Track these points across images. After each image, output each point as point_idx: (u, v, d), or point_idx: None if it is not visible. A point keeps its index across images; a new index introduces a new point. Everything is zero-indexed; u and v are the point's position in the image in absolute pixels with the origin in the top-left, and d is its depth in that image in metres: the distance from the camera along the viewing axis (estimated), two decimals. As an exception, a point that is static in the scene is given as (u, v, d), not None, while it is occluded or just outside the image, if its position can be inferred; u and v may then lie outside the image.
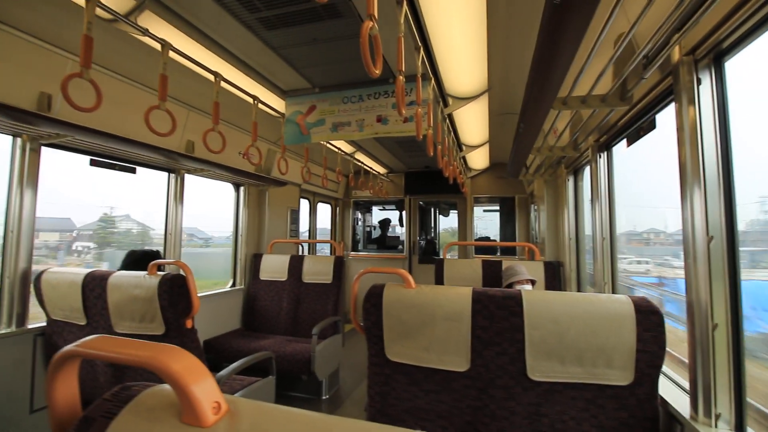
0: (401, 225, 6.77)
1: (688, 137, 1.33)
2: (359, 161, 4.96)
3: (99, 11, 1.61)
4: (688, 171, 1.32)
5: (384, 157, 5.41)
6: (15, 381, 2.08)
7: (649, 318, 1.21)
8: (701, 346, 1.29)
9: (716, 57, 1.26)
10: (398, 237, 7.01)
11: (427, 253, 6.52)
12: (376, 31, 1.15)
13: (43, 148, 2.26)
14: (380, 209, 7.52)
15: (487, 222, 6.96)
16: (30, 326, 2.19)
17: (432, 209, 7.40)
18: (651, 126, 1.75)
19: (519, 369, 1.29)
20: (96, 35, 1.53)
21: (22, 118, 1.86)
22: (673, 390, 1.61)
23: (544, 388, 1.28)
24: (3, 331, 2.09)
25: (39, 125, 1.95)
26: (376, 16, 1.14)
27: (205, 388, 0.48)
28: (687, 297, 1.37)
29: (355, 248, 6.71)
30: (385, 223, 7.17)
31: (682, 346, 1.59)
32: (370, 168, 5.46)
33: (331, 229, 6.55)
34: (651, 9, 1.08)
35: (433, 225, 7.48)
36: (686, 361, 1.57)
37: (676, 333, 1.93)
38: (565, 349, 1.25)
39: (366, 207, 7.25)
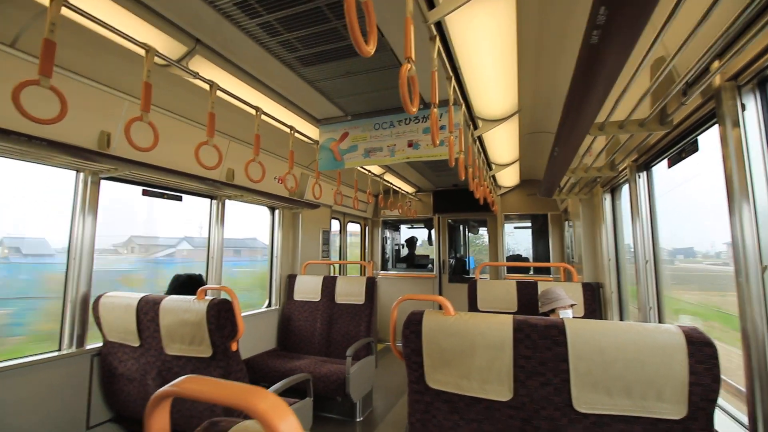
0: (430, 244, 6.75)
1: (734, 158, 1.30)
2: (388, 182, 5.04)
3: (155, 58, 1.77)
4: (735, 190, 1.29)
5: (412, 177, 5.47)
6: (73, 398, 2.22)
7: (701, 350, 1.16)
8: (760, 377, 1.23)
9: (760, 83, 1.24)
10: (427, 255, 6.98)
11: (456, 272, 6.45)
12: (413, 72, 1.21)
13: (102, 181, 2.46)
14: (408, 227, 7.54)
15: (517, 238, 6.82)
16: (88, 347, 2.34)
17: (461, 227, 7.34)
18: (693, 148, 1.72)
19: (564, 400, 1.27)
20: (151, 79, 1.69)
21: (85, 156, 2.05)
22: (730, 425, 1.53)
23: (592, 421, 1.25)
24: (64, 352, 2.25)
25: (100, 161, 2.13)
26: (414, 58, 1.20)
27: (290, 426, 0.53)
28: (741, 324, 1.31)
29: (384, 267, 6.73)
30: (411, 242, 7.17)
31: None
32: (399, 188, 5.52)
33: (361, 249, 6.61)
34: (691, 37, 1.09)
35: (462, 243, 7.41)
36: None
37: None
38: (612, 381, 1.22)
39: (394, 226, 7.29)
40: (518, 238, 6.76)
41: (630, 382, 1.20)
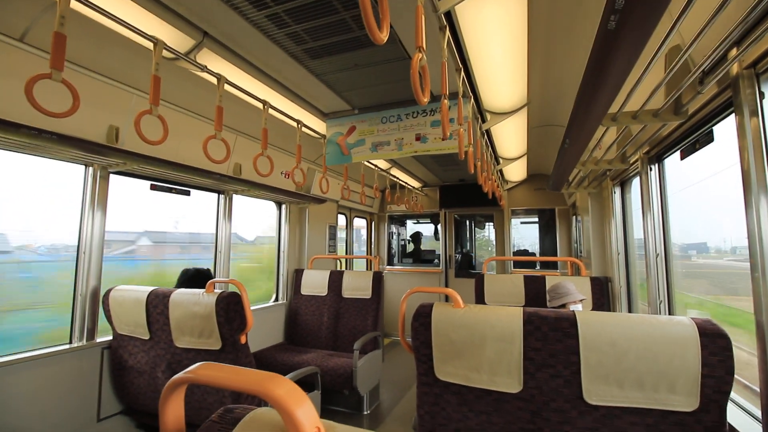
0: (437, 239, 6.73)
1: (752, 148, 1.27)
2: (395, 176, 5.03)
3: (163, 51, 1.77)
4: (753, 181, 1.27)
5: (419, 172, 5.45)
6: (84, 391, 2.24)
7: (715, 342, 1.15)
8: None
9: (781, 69, 1.21)
10: (434, 250, 6.98)
11: (463, 267, 6.44)
12: (425, 62, 1.20)
13: (111, 176, 2.48)
14: (414, 223, 7.53)
15: (523, 233, 6.79)
16: (98, 340, 2.37)
17: (467, 222, 7.32)
18: (708, 139, 1.68)
19: (575, 392, 1.26)
20: (160, 73, 1.69)
21: (95, 149, 2.06)
22: (742, 417, 1.51)
23: (602, 413, 1.24)
24: (75, 345, 2.27)
25: (109, 156, 2.14)
26: (425, 47, 1.19)
27: (307, 412, 0.53)
28: (756, 316, 1.29)
29: (390, 262, 6.73)
30: (417, 237, 7.16)
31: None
32: (406, 183, 5.51)
33: (367, 244, 6.62)
34: (708, 25, 1.06)
35: (469, 237, 7.39)
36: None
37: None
38: (624, 373, 1.21)
39: (400, 221, 7.28)
40: (523, 233, 6.72)
41: (642, 374, 1.19)
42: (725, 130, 1.62)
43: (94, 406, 2.28)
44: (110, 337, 2.37)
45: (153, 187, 2.78)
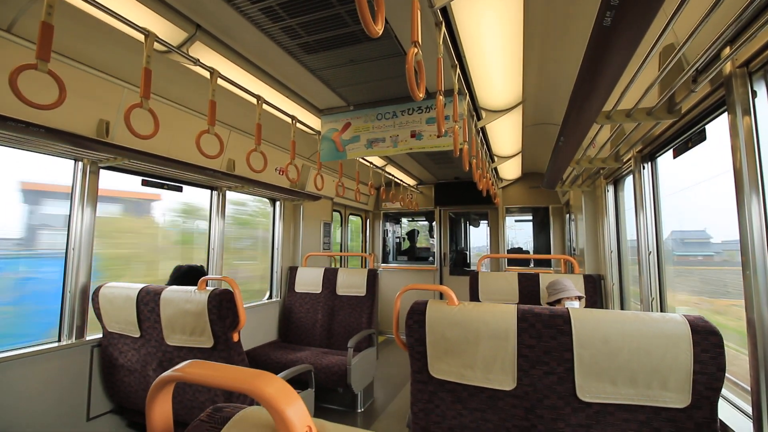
0: (431, 236, 6.75)
1: (744, 147, 1.28)
2: (390, 174, 5.02)
3: (155, 44, 1.74)
4: (745, 181, 1.28)
5: (414, 170, 5.45)
6: (73, 390, 2.21)
7: (707, 339, 1.16)
8: (765, 366, 1.22)
9: (773, 68, 1.22)
10: (428, 248, 6.99)
11: (458, 265, 6.46)
12: (420, 57, 1.19)
13: (101, 171, 2.44)
14: (410, 221, 7.54)
15: (517, 231, 6.83)
16: (88, 338, 2.33)
17: (462, 220, 7.35)
18: (701, 137, 1.69)
19: (568, 389, 1.27)
20: (151, 66, 1.66)
21: (84, 144, 2.02)
22: (733, 414, 1.53)
23: (595, 410, 1.25)
24: (64, 343, 2.24)
25: (99, 150, 2.10)
26: (420, 42, 1.18)
27: (297, 411, 0.51)
28: (746, 314, 1.30)
29: (385, 260, 6.73)
30: (412, 235, 7.17)
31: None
32: (401, 180, 5.50)
33: (362, 242, 6.61)
34: (702, 23, 1.07)
35: (463, 236, 7.42)
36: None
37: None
38: (617, 370, 1.21)
39: (395, 219, 7.29)
40: (518, 232, 6.76)
41: (635, 371, 1.19)
42: (718, 128, 1.63)
43: (84, 405, 2.25)
44: (100, 335, 2.34)
45: (145, 183, 2.74)
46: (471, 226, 7.49)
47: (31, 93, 1.30)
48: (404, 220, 7.53)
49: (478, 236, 7.40)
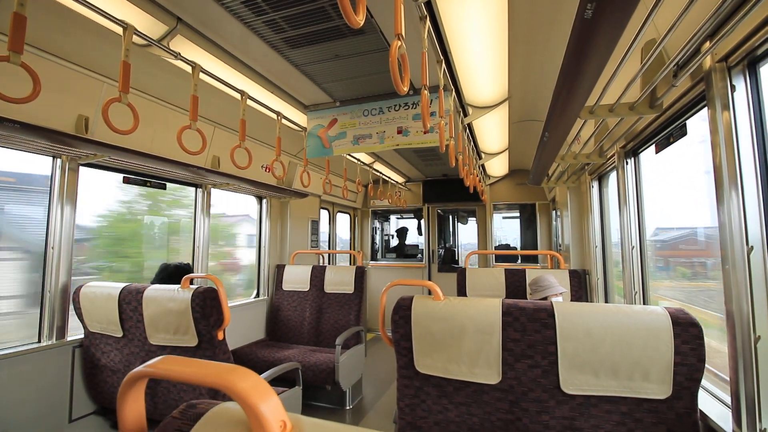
0: (420, 234, 6.76)
1: (723, 143, 1.30)
2: (378, 171, 5.01)
3: (134, 37, 1.69)
4: (724, 176, 1.30)
5: (402, 167, 5.44)
6: (55, 392, 2.16)
7: (687, 330, 1.18)
8: (743, 359, 1.25)
9: (750, 63, 1.24)
10: (417, 245, 7.00)
11: (446, 262, 6.49)
12: (404, 50, 1.18)
13: (81, 168, 2.37)
14: (398, 218, 7.53)
15: (505, 228, 6.88)
16: (69, 338, 2.28)
17: (450, 217, 7.38)
18: (682, 132, 1.72)
19: (552, 382, 1.28)
20: (130, 60, 1.62)
21: (62, 140, 1.96)
22: (712, 404, 1.56)
23: (579, 402, 1.26)
24: (44, 344, 2.18)
25: (78, 146, 2.05)
26: (404, 35, 1.17)
27: (271, 407, 0.50)
28: (726, 307, 1.33)
29: (374, 257, 6.72)
30: (402, 232, 7.18)
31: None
32: (389, 177, 5.49)
33: (351, 239, 6.59)
34: (681, 17, 1.08)
35: (451, 233, 7.45)
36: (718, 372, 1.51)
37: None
38: (600, 362, 1.23)
39: (384, 216, 7.28)
40: (506, 230, 6.82)
41: (617, 363, 1.21)
42: (698, 123, 1.66)
43: (66, 406, 2.20)
44: (82, 335, 2.28)
45: (126, 181, 2.68)
46: (459, 223, 7.53)
47: (4, 87, 1.26)
48: (393, 217, 7.52)
49: (467, 233, 7.45)
